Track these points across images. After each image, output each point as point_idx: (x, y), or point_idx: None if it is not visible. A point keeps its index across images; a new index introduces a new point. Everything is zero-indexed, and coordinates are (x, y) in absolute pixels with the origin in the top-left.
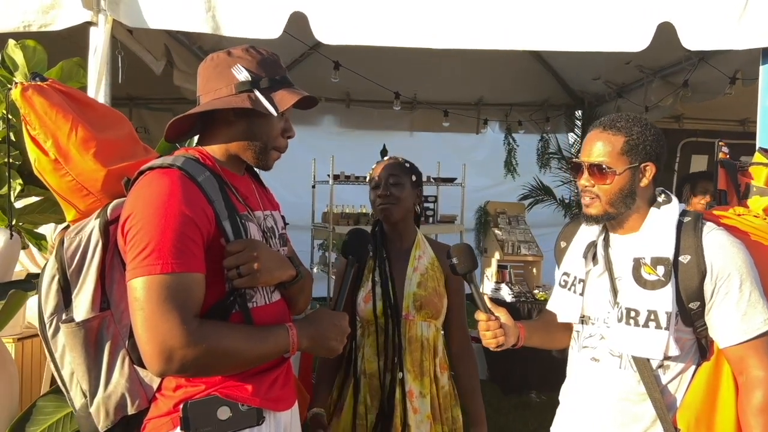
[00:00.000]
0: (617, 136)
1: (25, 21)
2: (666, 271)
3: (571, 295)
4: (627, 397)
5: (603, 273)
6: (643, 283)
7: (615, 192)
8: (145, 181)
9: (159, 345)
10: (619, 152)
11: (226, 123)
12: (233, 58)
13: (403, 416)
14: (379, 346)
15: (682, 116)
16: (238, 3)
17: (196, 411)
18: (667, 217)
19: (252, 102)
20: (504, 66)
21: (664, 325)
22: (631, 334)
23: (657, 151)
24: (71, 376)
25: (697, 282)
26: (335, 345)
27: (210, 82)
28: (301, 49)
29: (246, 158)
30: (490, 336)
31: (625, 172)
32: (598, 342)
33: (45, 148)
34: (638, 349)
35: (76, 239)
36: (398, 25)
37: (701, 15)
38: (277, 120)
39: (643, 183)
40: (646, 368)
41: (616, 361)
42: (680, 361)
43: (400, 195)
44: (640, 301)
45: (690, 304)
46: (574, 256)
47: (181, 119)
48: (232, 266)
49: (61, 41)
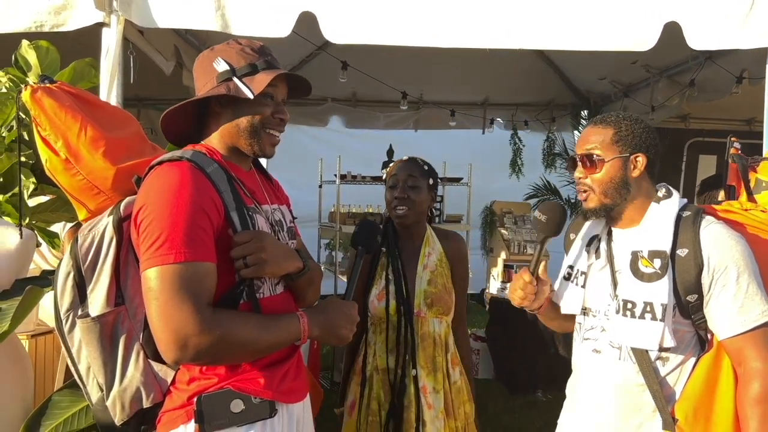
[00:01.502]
0: (607, 128)
1: (37, 21)
2: (662, 264)
3: (574, 287)
4: (627, 388)
5: (605, 266)
6: (640, 276)
7: (606, 181)
8: (155, 173)
9: (174, 333)
10: (609, 142)
11: (215, 115)
12: (215, 53)
13: (417, 412)
14: (390, 343)
15: (688, 116)
16: (247, 2)
17: (210, 404)
18: (667, 211)
19: (228, 89)
20: (510, 66)
21: (660, 317)
22: (628, 326)
23: (647, 143)
24: (88, 371)
25: (694, 275)
26: (345, 333)
27: (199, 79)
28: (308, 49)
29: (241, 146)
30: (520, 296)
31: (615, 161)
32: (599, 334)
33: (56, 148)
34: (635, 340)
35: (89, 236)
36: (406, 24)
37: (707, 14)
38: (263, 104)
39: (635, 174)
40: (645, 359)
41: (615, 352)
42: (679, 352)
43: (417, 198)
44: (637, 293)
45: (687, 296)
46: (578, 248)
47: (180, 118)
48: (239, 256)
49: (70, 42)
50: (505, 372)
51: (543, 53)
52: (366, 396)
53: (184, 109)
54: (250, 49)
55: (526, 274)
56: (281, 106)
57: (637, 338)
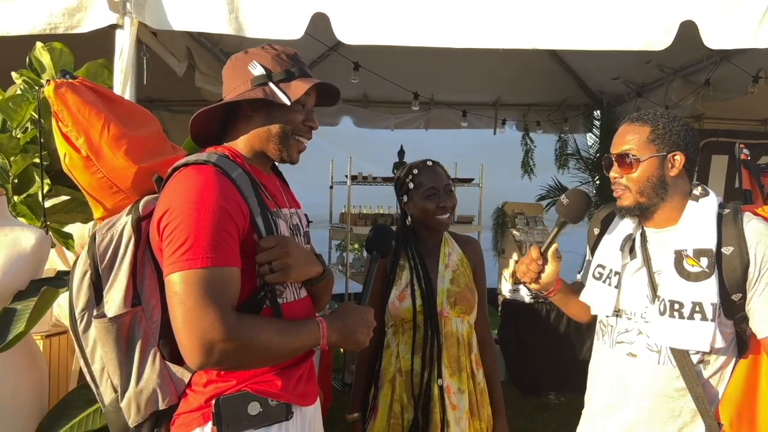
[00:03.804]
0: (643, 126)
1: (51, 23)
2: (709, 263)
3: (606, 287)
4: (666, 393)
5: (641, 267)
6: (686, 275)
7: (643, 181)
8: (180, 177)
9: (199, 338)
10: (645, 141)
11: (245, 118)
12: (249, 56)
13: (442, 413)
14: (416, 342)
15: (702, 116)
16: (260, 4)
17: (228, 406)
18: (707, 209)
19: (265, 93)
20: (522, 66)
21: (710, 317)
22: (675, 327)
23: (686, 140)
24: (101, 372)
25: (741, 272)
26: (362, 338)
27: (229, 81)
28: (320, 49)
29: (269, 152)
30: (523, 270)
31: (651, 160)
32: (636, 337)
33: (77, 145)
34: (684, 342)
35: (107, 235)
36: (418, 25)
37: (723, 13)
38: (296, 111)
39: (673, 172)
40: (687, 363)
41: (654, 356)
42: (721, 354)
43: (455, 203)
44: (684, 293)
45: (733, 295)
46: (609, 247)
47: (205, 118)
48: (264, 262)
49: (83, 44)
50: (517, 374)
51: (556, 53)
52: (389, 399)
53: (216, 109)
54: (285, 55)
55: (535, 250)
56: (311, 114)
57: (687, 340)
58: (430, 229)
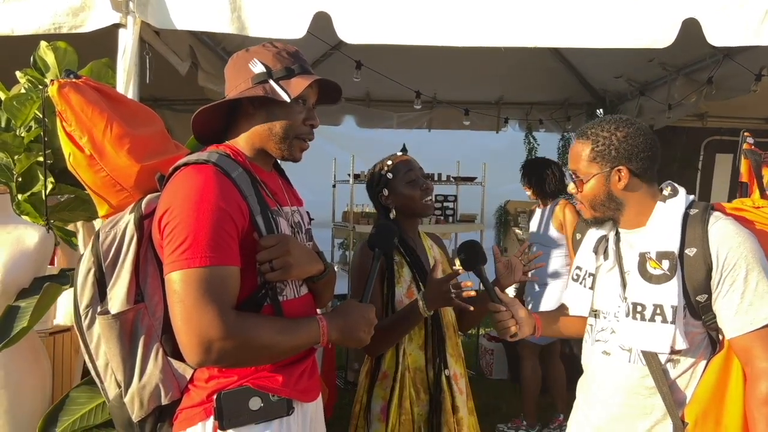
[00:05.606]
0: (585, 144)
1: (55, 23)
2: (671, 265)
3: (582, 288)
4: (637, 391)
5: (613, 267)
6: (649, 278)
7: (591, 198)
8: (180, 176)
9: (198, 337)
10: (588, 160)
11: (247, 116)
12: (250, 54)
13: (452, 400)
14: (427, 338)
15: (705, 114)
16: (263, 3)
17: (229, 401)
18: (673, 210)
19: (265, 90)
20: (524, 64)
21: (670, 319)
22: (638, 329)
23: (629, 151)
24: (105, 367)
25: (704, 274)
26: (363, 336)
27: (231, 80)
28: (322, 48)
29: (270, 149)
30: (503, 326)
31: (595, 179)
32: (609, 336)
33: (80, 144)
34: (645, 344)
35: (111, 233)
36: (420, 24)
37: (726, 11)
38: (297, 108)
39: (621, 185)
40: (655, 362)
41: (625, 354)
42: (690, 355)
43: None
44: (646, 295)
45: (697, 297)
46: (586, 249)
47: (208, 116)
48: (265, 260)
49: (87, 43)
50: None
51: (558, 51)
52: (398, 396)
53: (217, 107)
54: (286, 53)
55: (492, 306)
56: (312, 112)
57: (648, 341)
58: (418, 215)
